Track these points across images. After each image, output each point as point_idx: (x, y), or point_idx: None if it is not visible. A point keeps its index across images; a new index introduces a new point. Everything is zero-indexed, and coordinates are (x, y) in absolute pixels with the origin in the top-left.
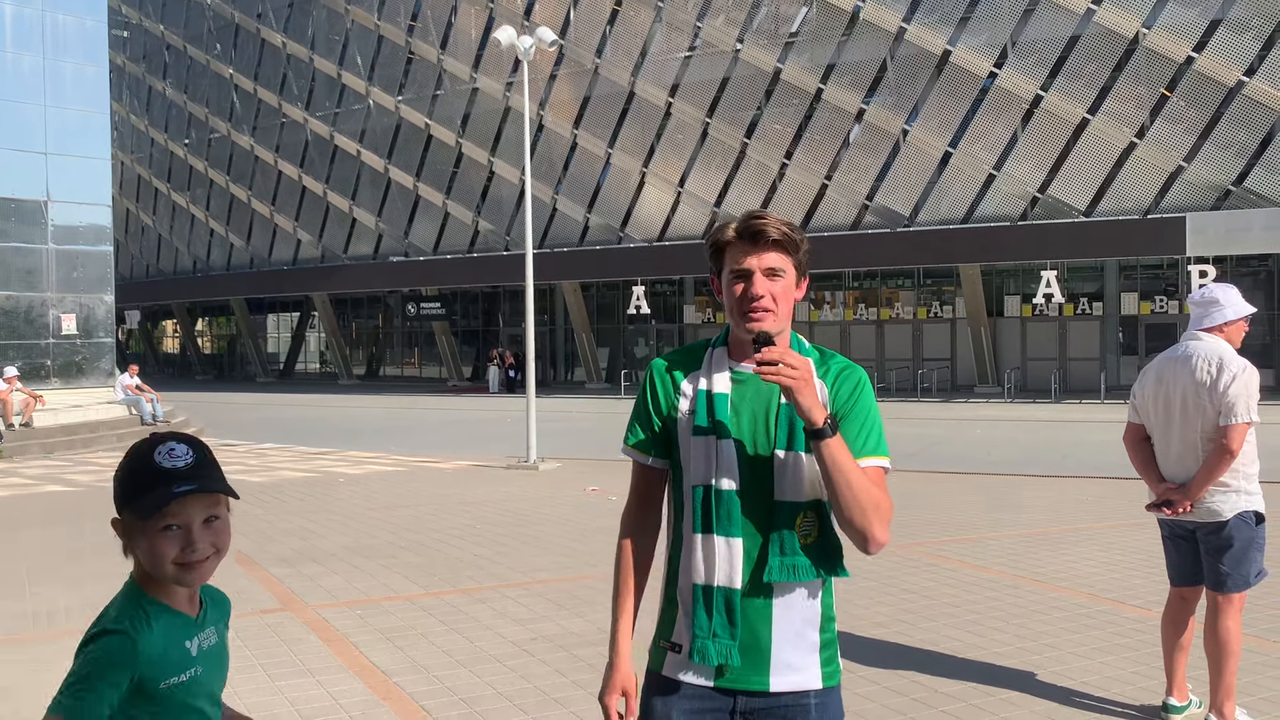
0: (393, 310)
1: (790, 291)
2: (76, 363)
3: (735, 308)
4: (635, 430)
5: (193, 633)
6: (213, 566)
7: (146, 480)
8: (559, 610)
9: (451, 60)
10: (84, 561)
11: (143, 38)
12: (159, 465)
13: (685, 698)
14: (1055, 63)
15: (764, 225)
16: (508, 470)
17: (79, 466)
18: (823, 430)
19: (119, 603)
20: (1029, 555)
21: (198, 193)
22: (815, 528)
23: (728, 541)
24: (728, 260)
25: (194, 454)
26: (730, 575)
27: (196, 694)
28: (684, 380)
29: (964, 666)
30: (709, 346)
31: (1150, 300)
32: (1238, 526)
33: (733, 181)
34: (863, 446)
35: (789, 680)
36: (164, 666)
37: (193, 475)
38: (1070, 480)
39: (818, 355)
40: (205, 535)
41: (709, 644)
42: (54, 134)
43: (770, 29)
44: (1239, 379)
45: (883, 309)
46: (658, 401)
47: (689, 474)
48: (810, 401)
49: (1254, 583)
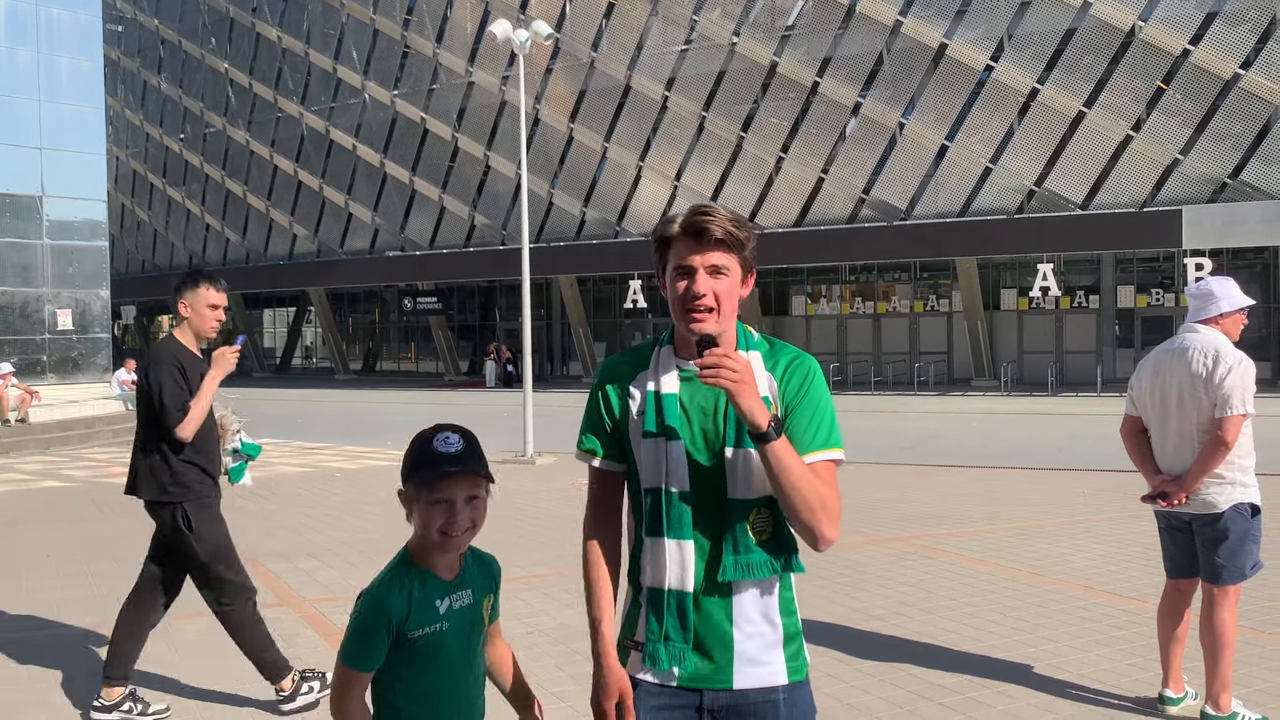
0: (389, 305)
1: (734, 290)
2: (72, 358)
3: (678, 305)
4: (588, 436)
5: (445, 593)
6: (470, 538)
7: (425, 460)
8: (555, 604)
9: (447, 54)
10: (80, 558)
11: (137, 32)
12: (435, 449)
13: (652, 695)
14: (1052, 56)
15: (708, 223)
16: (504, 465)
17: (76, 462)
18: (766, 434)
19: (387, 567)
20: (1025, 548)
21: (193, 188)
22: (769, 524)
23: (679, 544)
24: (672, 256)
25: (464, 442)
26: (682, 578)
27: (448, 645)
28: (632, 383)
29: (961, 659)
30: (656, 345)
31: (1146, 293)
32: (1233, 518)
33: (729, 175)
34: (813, 439)
35: (753, 676)
36: (412, 621)
37: (461, 460)
38: (1067, 473)
39: (767, 347)
40: (465, 510)
41: (660, 648)
42: (49, 129)
43: (766, 22)
44: (1234, 371)
45: (879, 302)
46: (609, 404)
47: (641, 476)
48: (752, 404)
49: (1249, 575)
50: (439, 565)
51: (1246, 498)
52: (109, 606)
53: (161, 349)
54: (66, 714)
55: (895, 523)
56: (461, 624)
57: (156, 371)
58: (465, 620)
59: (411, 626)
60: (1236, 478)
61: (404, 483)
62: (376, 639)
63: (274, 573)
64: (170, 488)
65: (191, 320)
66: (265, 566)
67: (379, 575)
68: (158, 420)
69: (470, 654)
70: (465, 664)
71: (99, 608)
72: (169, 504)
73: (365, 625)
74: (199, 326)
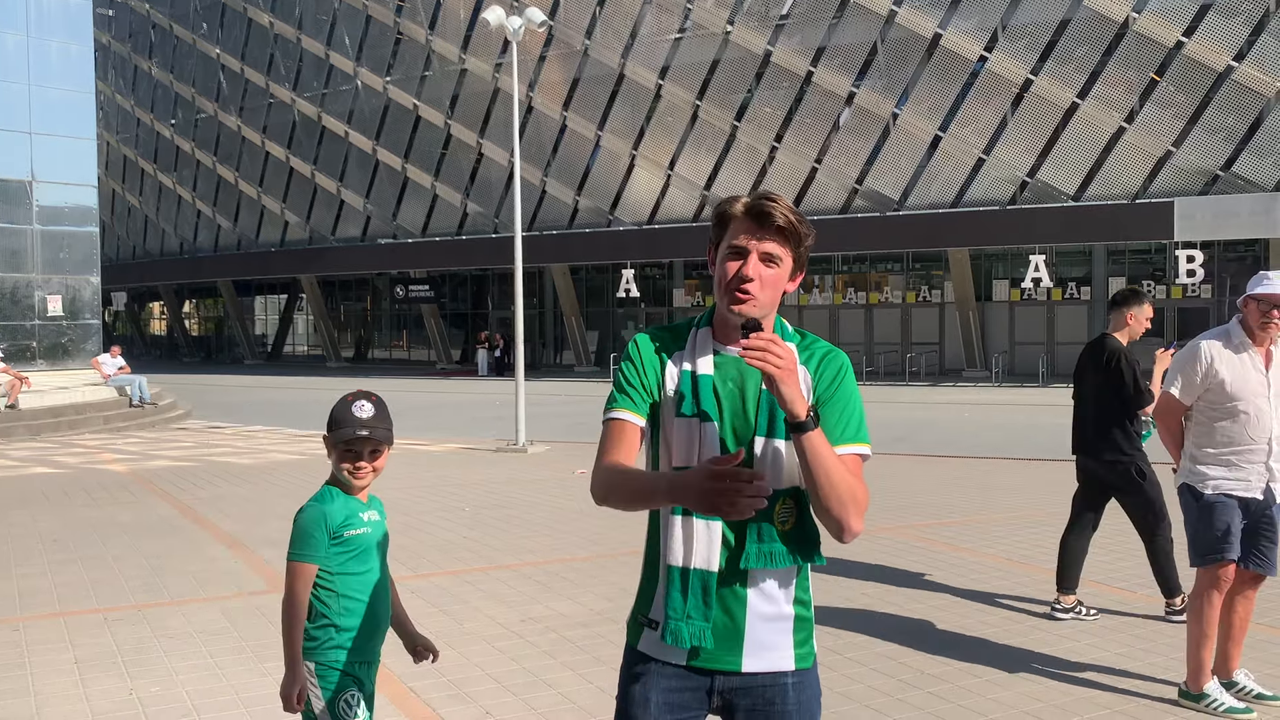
0: (381, 292)
1: (782, 281)
2: (62, 344)
3: (724, 285)
4: (623, 396)
5: (362, 509)
6: (371, 479)
7: (343, 422)
8: (547, 592)
9: (440, 41)
10: (69, 544)
11: (128, 16)
12: (351, 413)
13: (663, 676)
14: (1045, 47)
15: (772, 209)
16: (496, 453)
17: (66, 449)
18: (804, 423)
19: (317, 494)
20: (1015, 538)
21: (184, 174)
22: (793, 515)
23: (707, 525)
24: (729, 234)
25: (375, 410)
26: (708, 558)
27: (371, 544)
28: (669, 360)
29: (951, 648)
30: (693, 326)
31: (1138, 285)
32: (1180, 496)
33: (723, 164)
34: (843, 433)
35: (762, 661)
36: (346, 524)
37: (369, 424)
38: (1057, 464)
39: (799, 339)
40: (370, 460)
41: (682, 626)
42: (38, 113)
43: (760, 11)
44: (1178, 354)
45: (871, 293)
46: (644, 373)
47: (672, 454)
48: (793, 393)
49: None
50: (352, 491)
51: (1193, 481)
52: (101, 591)
53: (1120, 346)
54: (76, 695)
55: (887, 512)
56: (378, 533)
57: (1128, 362)
58: (379, 531)
59: (345, 527)
60: (1192, 460)
61: (327, 433)
62: (318, 535)
63: (266, 560)
64: (1127, 450)
65: (1132, 327)
66: (256, 553)
67: (312, 498)
68: (1127, 400)
69: (384, 558)
70: (383, 565)
71: (91, 593)
72: (1124, 462)
73: (309, 526)
74: (1134, 333)
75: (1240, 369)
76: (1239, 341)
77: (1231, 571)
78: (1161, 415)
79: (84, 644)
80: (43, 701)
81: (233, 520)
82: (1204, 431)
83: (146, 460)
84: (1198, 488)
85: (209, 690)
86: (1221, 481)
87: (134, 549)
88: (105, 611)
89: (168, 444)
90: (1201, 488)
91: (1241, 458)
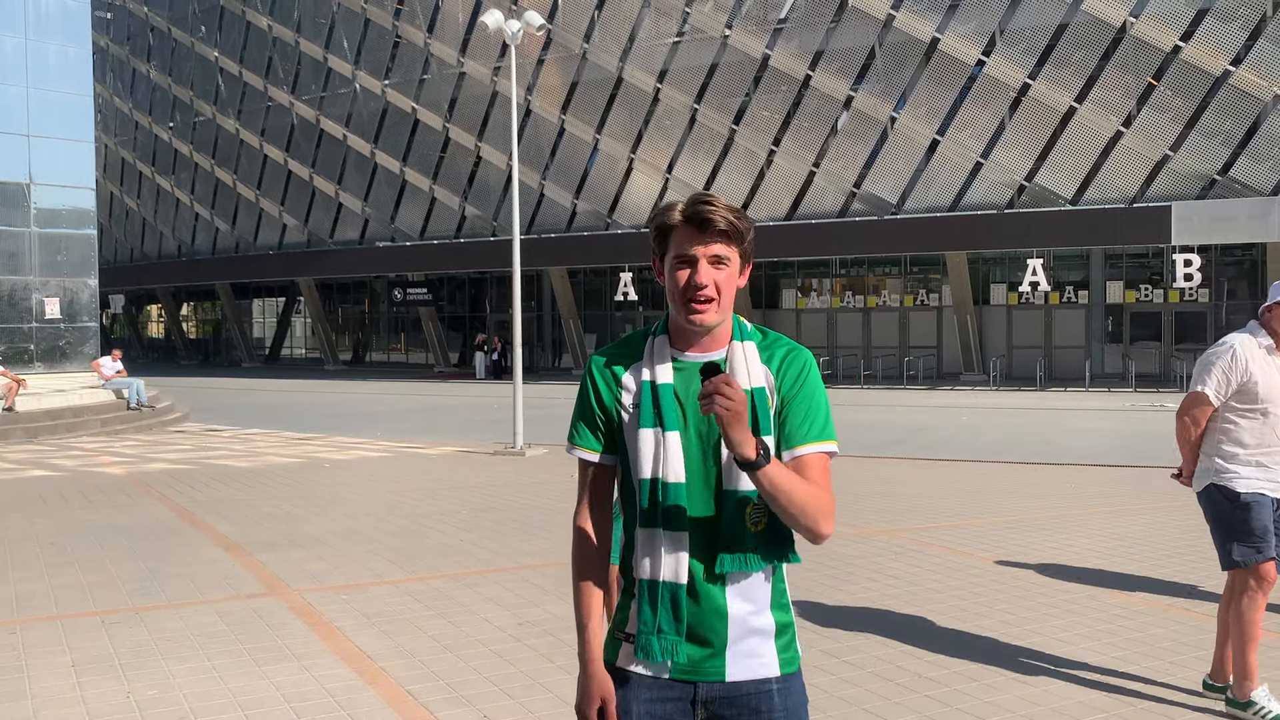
0: (379, 296)
1: (734, 280)
2: (60, 347)
3: (678, 295)
4: (580, 430)
5: None
6: None
7: None
8: (545, 595)
9: (438, 44)
10: (66, 547)
11: (126, 19)
12: None
13: (644, 688)
14: (1043, 51)
15: (711, 213)
16: (494, 456)
17: (63, 451)
18: (755, 462)
19: None
20: (1013, 541)
21: (182, 176)
22: (764, 516)
23: (674, 536)
24: (672, 245)
25: None
26: (676, 570)
27: None
28: (625, 374)
29: (948, 651)
30: (648, 335)
31: (1135, 288)
32: (1208, 498)
33: (720, 167)
34: (808, 432)
35: (746, 668)
36: None
37: None
38: (1054, 467)
39: (761, 338)
40: None
41: (653, 640)
42: (36, 116)
43: (759, 15)
44: (1209, 352)
45: (869, 297)
46: (600, 398)
47: (636, 468)
48: (741, 436)
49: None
50: None
51: (1224, 481)
52: (98, 594)
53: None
54: (73, 698)
55: (884, 515)
56: None
57: None
58: None
59: None
60: (1214, 459)
61: None
62: None
63: (262, 562)
64: None
65: None
66: (253, 556)
67: None
68: None
69: None
70: None
71: (88, 595)
72: None
73: None
74: None
75: (1269, 370)
76: (1266, 344)
77: (1274, 570)
78: (1190, 415)
79: (81, 647)
80: (40, 704)
81: (230, 523)
82: (1234, 432)
83: (144, 463)
84: (1232, 487)
85: (206, 693)
86: (1254, 481)
87: (131, 552)
88: (102, 614)
89: (165, 447)
90: (1237, 487)
91: (1271, 458)
